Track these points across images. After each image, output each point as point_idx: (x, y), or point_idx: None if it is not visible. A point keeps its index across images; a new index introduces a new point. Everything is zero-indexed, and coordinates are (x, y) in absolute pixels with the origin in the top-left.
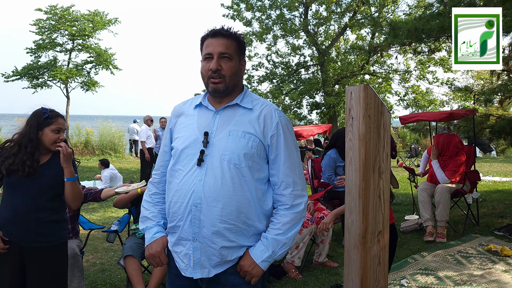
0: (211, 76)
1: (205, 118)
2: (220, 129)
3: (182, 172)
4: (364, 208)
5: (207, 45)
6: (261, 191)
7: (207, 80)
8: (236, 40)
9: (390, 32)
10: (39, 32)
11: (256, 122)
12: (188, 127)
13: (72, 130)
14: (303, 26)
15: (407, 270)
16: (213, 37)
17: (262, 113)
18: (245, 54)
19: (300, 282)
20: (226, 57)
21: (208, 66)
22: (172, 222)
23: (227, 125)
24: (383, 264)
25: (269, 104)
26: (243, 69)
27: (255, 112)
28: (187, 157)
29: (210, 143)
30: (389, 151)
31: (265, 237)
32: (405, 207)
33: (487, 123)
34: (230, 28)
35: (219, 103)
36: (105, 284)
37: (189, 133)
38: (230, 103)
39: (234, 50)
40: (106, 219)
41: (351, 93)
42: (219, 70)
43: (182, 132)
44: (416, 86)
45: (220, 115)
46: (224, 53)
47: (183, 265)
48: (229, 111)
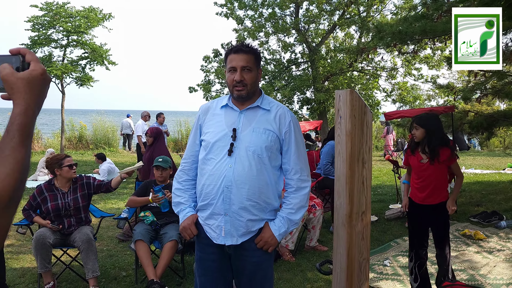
0: (235, 85)
1: (232, 117)
2: (245, 126)
3: (214, 160)
4: (350, 193)
5: (231, 60)
6: (276, 176)
7: (232, 88)
8: (254, 54)
9: (376, 34)
10: (34, 28)
11: (273, 121)
12: (218, 124)
13: (65, 125)
14: (294, 24)
15: (390, 252)
16: (235, 53)
17: (278, 114)
18: (260, 63)
19: (293, 264)
20: (247, 69)
21: (233, 77)
22: (205, 200)
23: (251, 123)
24: (366, 239)
25: (282, 106)
26: (259, 77)
27: (272, 113)
28: (218, 148)
29: (238, 138)
30: (371, 145)
31: (282, 216)
32: (390, 197)
33: (466, 119)
34: (249, 44)
35: (242, 104)
36: (114, 267)
37: (219, 129)
38: (252, 105)
39: (253, 63)
40: (107, 210)
41: (339, 96)
42: (242, 80)
43: (212, 127)
44: (403, 82)
45: (244, 114)
46: (245, 66)
47: (215, 235)
48: (251, 111)
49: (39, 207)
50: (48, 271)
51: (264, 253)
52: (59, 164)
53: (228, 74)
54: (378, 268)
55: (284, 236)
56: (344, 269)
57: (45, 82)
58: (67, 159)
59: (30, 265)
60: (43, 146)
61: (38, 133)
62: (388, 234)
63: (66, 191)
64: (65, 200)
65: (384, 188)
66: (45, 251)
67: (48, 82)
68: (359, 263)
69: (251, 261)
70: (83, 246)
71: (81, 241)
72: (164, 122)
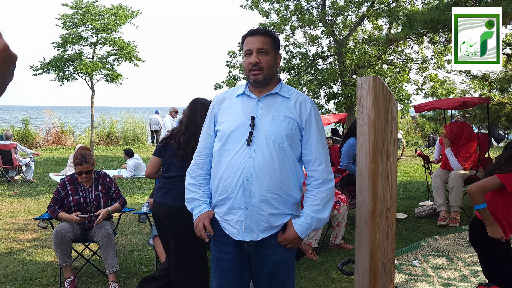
0: (251, 69)
1: (249, 105)
2: (264, 114)
3: (232, 151)
4: (373, 188)
5: (247, 43)
6: (298, 166)
7: (248, 73)
8: (272, 37)
9: (406, 23)
10: (64, 26)
11: (293, 108)
12: (234, 113)
13: (96, 121)
14: (321, 16)
15: (419, 251)
16: (251, 35)
17: (298, 101)
18: (280, 49)
19: (317, 263)
20: (263, 52)
21: (249, 61)
22: (222, 195)
23: (270, 110)
24: (391, 238)
25: (302, 93)
26: (278, 62)
27: (292, 100)
28: (236, 138)
29: (256, 126)
30: (396, 136)
31: (308, 214)
32: (420, 193)
33: (503, 112)
34: (265, 27)
35: (260, 92)
36: (135, 263)
37: (235, 118)
38: (270, 92)
39: (270, 45)
40: (132, 205)
41: (361, 84)
42: (258, 63)
43: (228, 117)
44: (434, 74)
45: (262, 102)
46: (261, 48)
47: (234, 231)
48: (270, 98)
49: (64, 201)
50: (68, 265)
51: (286, 250)
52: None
53: (245, 58)
54: (406, 269)
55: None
56: (367, 270)
57: (6, 60)
58: (78, 166)
59: (53, 259)
60: (75, 142)
61: (70, 130)
62: (418, 232)
63: (88, 187)
64: (86, 195)
65: (414, 184)
66: (65, 246)
67: (11, 60)
68: (383, 264)
69: (272, 259)
70: (102, 241)
71: (101, 236)
72: None
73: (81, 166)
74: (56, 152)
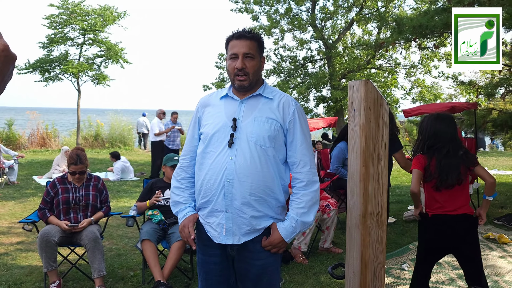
0: (237, 73)
1: (232, 107)
2: (246, 116)
3: (214, 153)
4: (364, 191)
5: (232, 46)
6: (282, 169)
7: (234, 77)
8: (257, 41)
9: (395, 28)
10: (51, 26)
11: (276, 110)
12: (217, 115)
13: (82, 124)
14: (311, 20)
15: (408, 255)
16: (237, 39)
17: (281, 102)
18: (263, 52)
19: (306, 267)
20: (249, 56)
21: (234, 65)
22: (205, 197)
23: (252, 112)
24: (381, 241)
25: (286, 94)
26: (262, 66)
27: (275, 101)
28: (218, 140)
29: (238, 128)
30: (387, 140)
31: (293, 217)
32: (408, 197)
33: (489, 117)
34: (251, 30)
35: (243, 94)
36: (122, 267)
37: (218, 120)
38: (253, 94)
39: (255, 50)
40: (119, 208)
41: (353, 87)
42: (244, 68)
43: (211, 119)
44: (422, 80)
45: (245, 103)
46: (247, 53)
47: (215, 234)
48: (253, 100)
49: (53, 200)
50: (54, 270)
51: (270, 255)
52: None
53: (229, 61)
54: (395, 272)
55: (297, 237)
56: (358, 273)
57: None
58: (73, 166)
59: (37, 263)
60: (60, 144)
61: (54, 132)
62: (407, 236)
63: (79, 186)
64: (76, 194)
65: (402, 188)
66: (50, 250)
67: (11, 59)
68: (374, 267)
69: (256, 264)
70: (89, 245)
71: (88, 240)
72: (177, 121)
73: (76, 166)
74: (40, 154)
